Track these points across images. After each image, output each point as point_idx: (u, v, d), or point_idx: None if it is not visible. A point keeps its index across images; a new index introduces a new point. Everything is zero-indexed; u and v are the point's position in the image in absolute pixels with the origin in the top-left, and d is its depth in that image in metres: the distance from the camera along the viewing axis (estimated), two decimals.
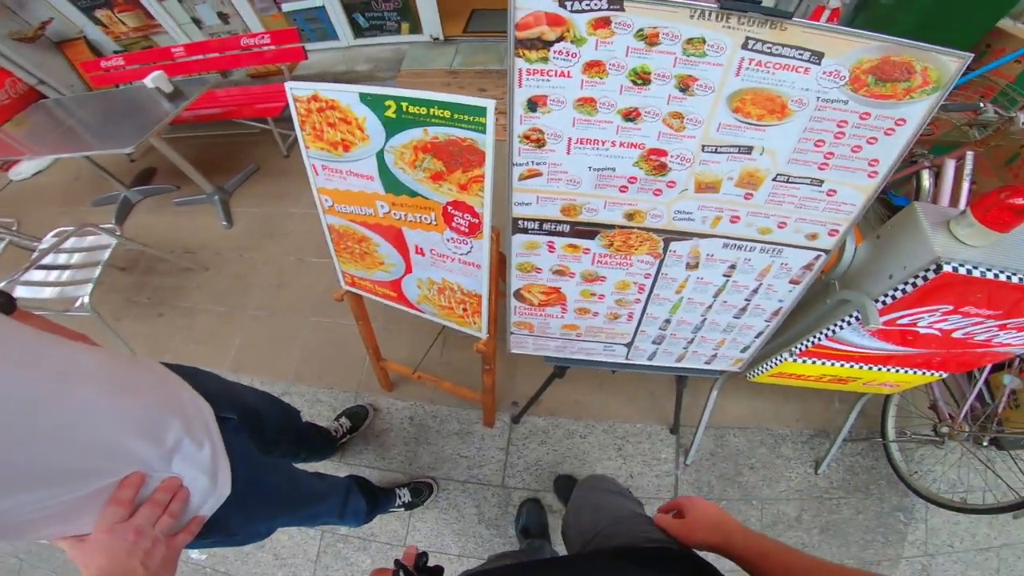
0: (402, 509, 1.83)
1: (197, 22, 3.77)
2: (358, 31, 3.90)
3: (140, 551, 0.64)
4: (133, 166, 3.42)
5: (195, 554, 1.90)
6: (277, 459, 1.32)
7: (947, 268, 0.92)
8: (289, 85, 1.00)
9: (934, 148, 1.88)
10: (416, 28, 3.83)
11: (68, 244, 2.19)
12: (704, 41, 0.74)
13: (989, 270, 0.93)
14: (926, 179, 1.72)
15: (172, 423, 0.74)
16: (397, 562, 0.67)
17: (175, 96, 2.51)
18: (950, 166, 1.64)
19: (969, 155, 1.61)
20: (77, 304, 2.00)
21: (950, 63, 0.74)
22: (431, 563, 0.72)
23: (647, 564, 0.68)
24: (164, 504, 0.69)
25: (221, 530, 0.85)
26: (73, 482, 0.60)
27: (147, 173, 3.33)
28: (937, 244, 0.94)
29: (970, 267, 0.93)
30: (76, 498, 0.61)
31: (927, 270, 0.95)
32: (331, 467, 1.97)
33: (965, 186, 1.61)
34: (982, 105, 1.53)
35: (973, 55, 0.74)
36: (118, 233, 2.21)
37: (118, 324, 2.49)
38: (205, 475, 0.77)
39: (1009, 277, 0.94)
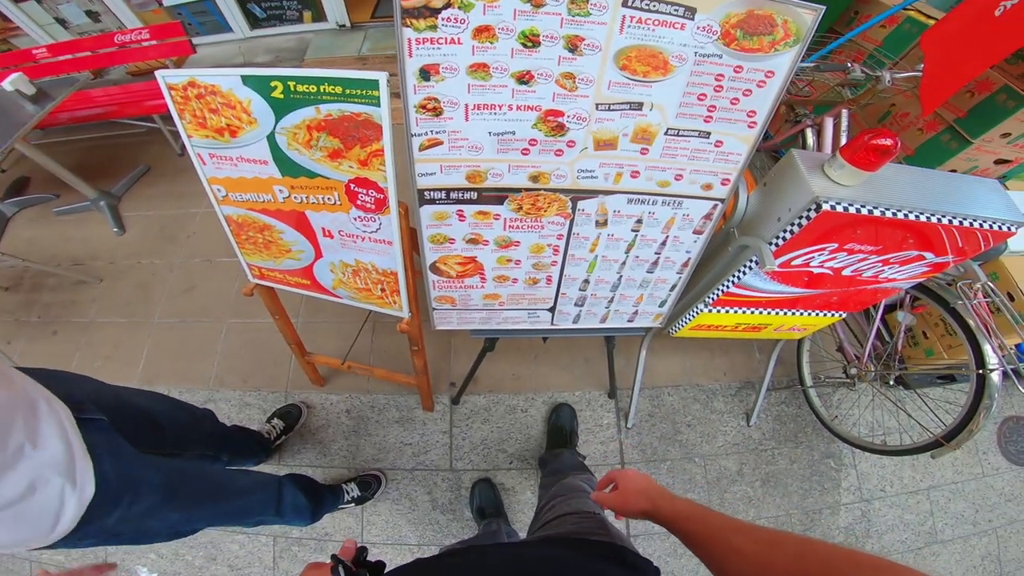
0: (353, 504, 1.79)
1: (62, 22, 3.42)
2: (255, 22, 3.68)
3: None
4: (4, 177, 3.05)
5: (144, 572, 1.79)
6: (182, 459, 1.27)
7: (825, 207, 1.00)
8: (160, 73, 0.93)
9: (817, 108, 2.04)
10: (320, 16, 3.67)
11: None
12: (587, 0, 0.75)
13: (863, 206, 1.02)
14: (810, 137, 1.86)
15: (15, 425, 0.74)
16: (334, 557, 0.65)
17: (39, 98, 2.25)
18: (829, 124, 1.79)
19: (844, 112, 1.77)
20: None
21: (805, 15, 0.80)
22: (376, 558, 0.69)
23: (570, 547, 0.73)
24: None
25: (100, 530, 0.87)
26: None
27: (20, 183, 2.98)
28: (815, 185, 1.03)
29: (846, 204, 1.01)
30: None
31: (808, 210, 1.03)
32: (271, 470, 1.88)
33: (843, 140, 1.76)
34: (850, 65, 1.67)
35: (825, 7, 0.80)
36: None
37: (9, 347, 2.28)
38: (60, 476, 0.78)
39: (883, 212, 1.03)
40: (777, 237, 1.12)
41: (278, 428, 1.88)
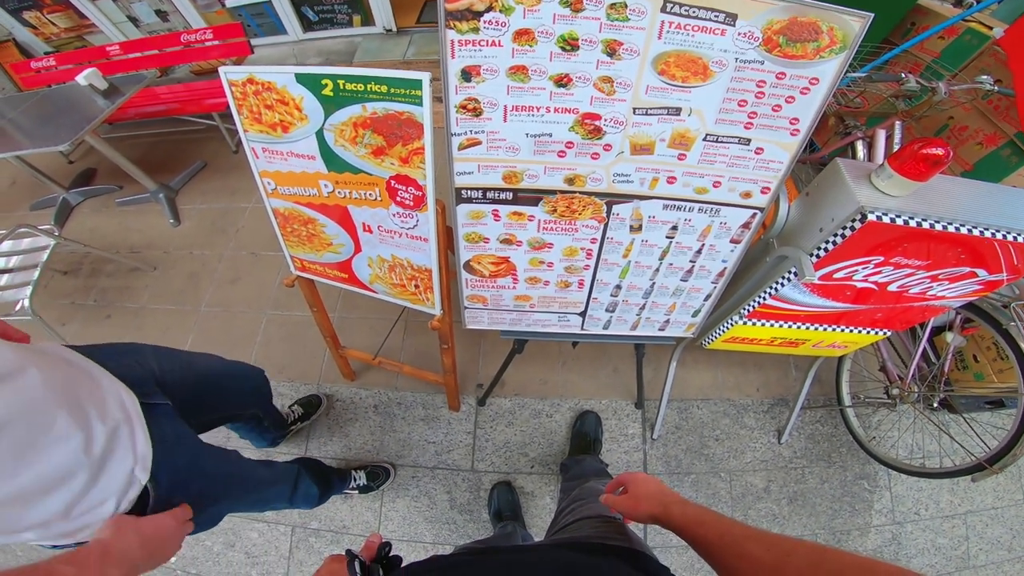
0: (356, 492, 1.81)
1: (134, 20, 3.65)
2: (308, 25, 3.84)
3: None
4: (72, 168, 3.28)
5: None
6: (221, 448, 1.25)
7: (871, 217, 0.97)
8: (223, 69, 1.00)
9: (869, 120, 1.97)
10: (368, 20, 3.79)
11: (4, 247, 2.11)
12: (626, 6, 0.76)
13: (912, 218, 0.98)
14: (860, 149, 1.81)
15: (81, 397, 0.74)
16: (348, 552, 0.64)
17: (110, 93, 2.42)
18: (881, 135, 1.72)
19: (897, 124, 1.70)
20: (17, 307, 1.96)
21: (853, 22, 0.78)
22: (394, 552, 0.69)
23: (588, 552, 0.72)
24: None
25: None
26: None
27: (87, 174, 3.19)
28: (861, 195, 1.00)
29: (893, 215, 0.98)
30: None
31: (853, 220, 1.00)
32: (298, 452, 1.96)
33: None
34: (903, 76, 1.61)
35: (874, 15, 0.78)
36: (56, 234, 2.14)
37: (64, 328, 2.42)
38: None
39: (932, 225, 0.99)
40: (818, 248, 1.09)
41: (296, 414, 1.93)
